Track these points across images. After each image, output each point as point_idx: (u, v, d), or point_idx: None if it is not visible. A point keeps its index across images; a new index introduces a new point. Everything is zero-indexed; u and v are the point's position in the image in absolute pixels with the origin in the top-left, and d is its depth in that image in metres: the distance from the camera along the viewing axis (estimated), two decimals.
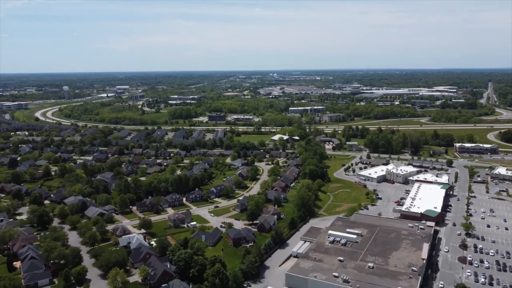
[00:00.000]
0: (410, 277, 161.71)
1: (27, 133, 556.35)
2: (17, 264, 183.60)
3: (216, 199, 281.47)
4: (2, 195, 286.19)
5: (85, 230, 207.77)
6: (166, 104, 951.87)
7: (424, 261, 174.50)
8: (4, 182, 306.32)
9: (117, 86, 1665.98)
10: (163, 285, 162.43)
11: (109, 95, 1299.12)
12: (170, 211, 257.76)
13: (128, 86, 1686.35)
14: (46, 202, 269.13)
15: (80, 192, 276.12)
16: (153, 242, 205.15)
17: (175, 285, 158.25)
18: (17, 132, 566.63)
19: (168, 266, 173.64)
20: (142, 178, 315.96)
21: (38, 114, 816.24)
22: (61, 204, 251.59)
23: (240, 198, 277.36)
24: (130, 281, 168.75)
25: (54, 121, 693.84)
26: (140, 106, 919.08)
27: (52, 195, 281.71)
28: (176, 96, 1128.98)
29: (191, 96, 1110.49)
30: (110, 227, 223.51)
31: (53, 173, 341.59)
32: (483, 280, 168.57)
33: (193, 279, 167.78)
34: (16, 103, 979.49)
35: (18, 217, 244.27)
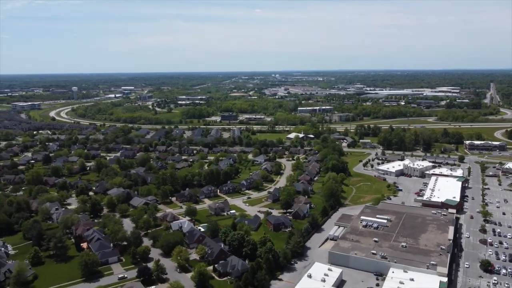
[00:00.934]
0: (440, 254, 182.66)
1: (50, 132, 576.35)
2: (84, 244, 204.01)
3: (247, 191, 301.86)
4: (47, 187, 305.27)
5: (138, 216, 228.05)
6: (176, 105, 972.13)
7: (451, 241, 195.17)
8: (45, 176, 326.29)
9: (123, 87, 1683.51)
10: (220, 262, 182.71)
11: (116, 95, 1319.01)
12: (207, 201, 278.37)
13: (133, 87, 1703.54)
14: (90, 193, 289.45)
15: (121, 184, 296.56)
16: (200, 227, 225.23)
17: (233, 261, 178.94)
18: (40, 131, 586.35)
19: (222, 246, 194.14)
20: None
21: (52, 114, 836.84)
22: (108, 195, 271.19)
23: (270, 190, 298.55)
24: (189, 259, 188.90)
25: (72, 121, 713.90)
26: (150, 106, 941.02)
27: (94, 187, 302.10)
28: (184, 97, 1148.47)
29: (199, 97, 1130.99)
30: (157, 214, 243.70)
31: (88, 168, 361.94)
32: (504, 257, 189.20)
33: (245, 256, 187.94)
34: (29, 103, 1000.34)
35: (68, 207, 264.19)
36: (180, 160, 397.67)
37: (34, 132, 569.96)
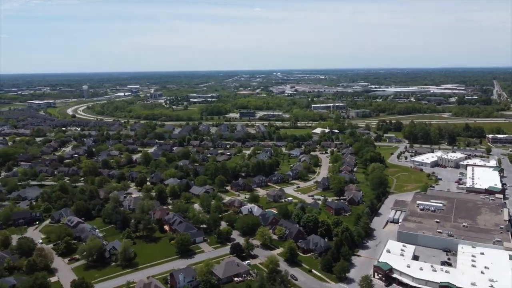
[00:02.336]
0: (501, 232, 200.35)
1: (78, 128, 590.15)
2: (166, 227, 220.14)
3: (294, 181, 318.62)
4: (108, 178, 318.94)
5: (207, 202, 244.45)
6: (189, 102, 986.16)
7: (507, 222, 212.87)
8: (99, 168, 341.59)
9: (128, 86, 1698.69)
10: (299, 240, 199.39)
11: (126, 94, 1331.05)
12: (260, 190, 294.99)
13: (138, 86, 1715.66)
14: (148, 183, 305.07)
15: (174, 175, 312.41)
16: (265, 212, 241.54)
17: (314, 239, 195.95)
18: (69, 128, 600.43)
19: (297, 227, 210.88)
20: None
21: (70, 111, 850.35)
22: (170, 184, 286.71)
23: (316, 180, 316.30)
24: None
25: (95, 118, 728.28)
26: (164, 104, 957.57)
27: (148, 178, 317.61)
28: (195, 95, 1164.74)
29: (210, 95, 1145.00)
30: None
31: (134, 160, 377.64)
32: None
33: (320, 236, 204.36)
34: (44, 101, 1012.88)
35: (133, 195, 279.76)
36: (217, 153, 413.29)
37: (63, 129, 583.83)
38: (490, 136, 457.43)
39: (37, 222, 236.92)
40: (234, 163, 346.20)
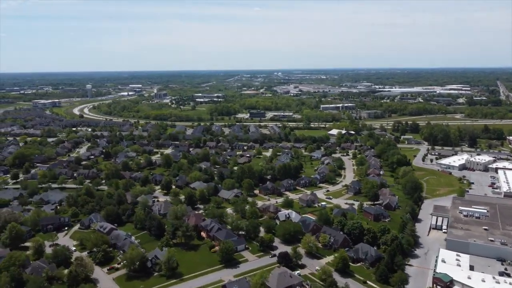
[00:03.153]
0: None
1: (89, 129, 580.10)
2: (203, 234, 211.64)
3: (321, 185, 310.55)
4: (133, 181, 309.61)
5: (242, 207, 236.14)
6: (195, 102, 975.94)
7: None
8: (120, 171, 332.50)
9: (130, 85, 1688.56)
10: (346, 249, 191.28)
11: (129, 93, 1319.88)
12: (289, 194, 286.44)
13: (141, 85, 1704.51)
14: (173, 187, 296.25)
15: (199, 178, 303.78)
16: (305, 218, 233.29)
17: (364, 248, 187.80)
18: (79, 128, 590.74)
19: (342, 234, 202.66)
20: (235, 168, 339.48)
21: (76, 111, 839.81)
22: (199, 188, 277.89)
23: (345, 184, 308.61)
24: None
25: (104, 118, 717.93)
26: (170, 104, 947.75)
27: (173, 181, 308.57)
28: (200, 94, 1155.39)
29: (215, 94, 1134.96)
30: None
31: (154, 162, 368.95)
32: None
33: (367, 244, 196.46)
34: (49, 101, 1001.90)
35: (161, 199, 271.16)
36: (235, 155, 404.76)
37: (74, 129, 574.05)
38: (511, 137, 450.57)
39: (66, 228, 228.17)
40: (259, 165, 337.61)
